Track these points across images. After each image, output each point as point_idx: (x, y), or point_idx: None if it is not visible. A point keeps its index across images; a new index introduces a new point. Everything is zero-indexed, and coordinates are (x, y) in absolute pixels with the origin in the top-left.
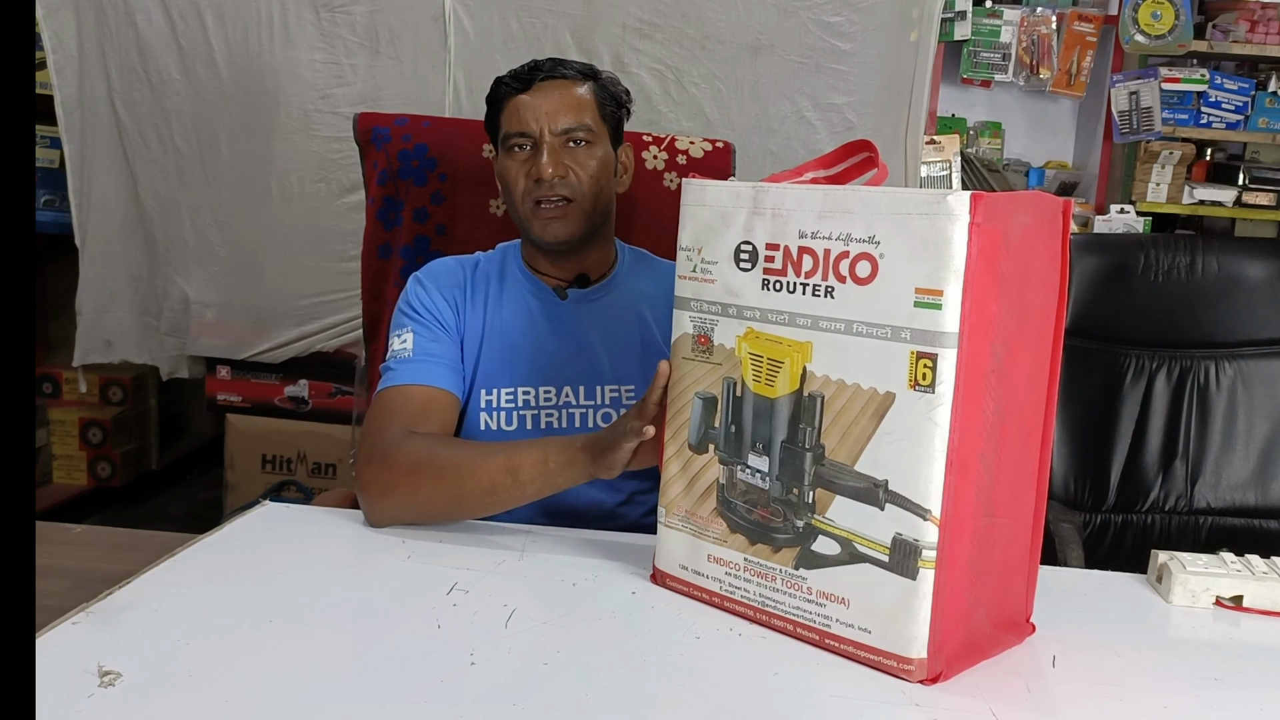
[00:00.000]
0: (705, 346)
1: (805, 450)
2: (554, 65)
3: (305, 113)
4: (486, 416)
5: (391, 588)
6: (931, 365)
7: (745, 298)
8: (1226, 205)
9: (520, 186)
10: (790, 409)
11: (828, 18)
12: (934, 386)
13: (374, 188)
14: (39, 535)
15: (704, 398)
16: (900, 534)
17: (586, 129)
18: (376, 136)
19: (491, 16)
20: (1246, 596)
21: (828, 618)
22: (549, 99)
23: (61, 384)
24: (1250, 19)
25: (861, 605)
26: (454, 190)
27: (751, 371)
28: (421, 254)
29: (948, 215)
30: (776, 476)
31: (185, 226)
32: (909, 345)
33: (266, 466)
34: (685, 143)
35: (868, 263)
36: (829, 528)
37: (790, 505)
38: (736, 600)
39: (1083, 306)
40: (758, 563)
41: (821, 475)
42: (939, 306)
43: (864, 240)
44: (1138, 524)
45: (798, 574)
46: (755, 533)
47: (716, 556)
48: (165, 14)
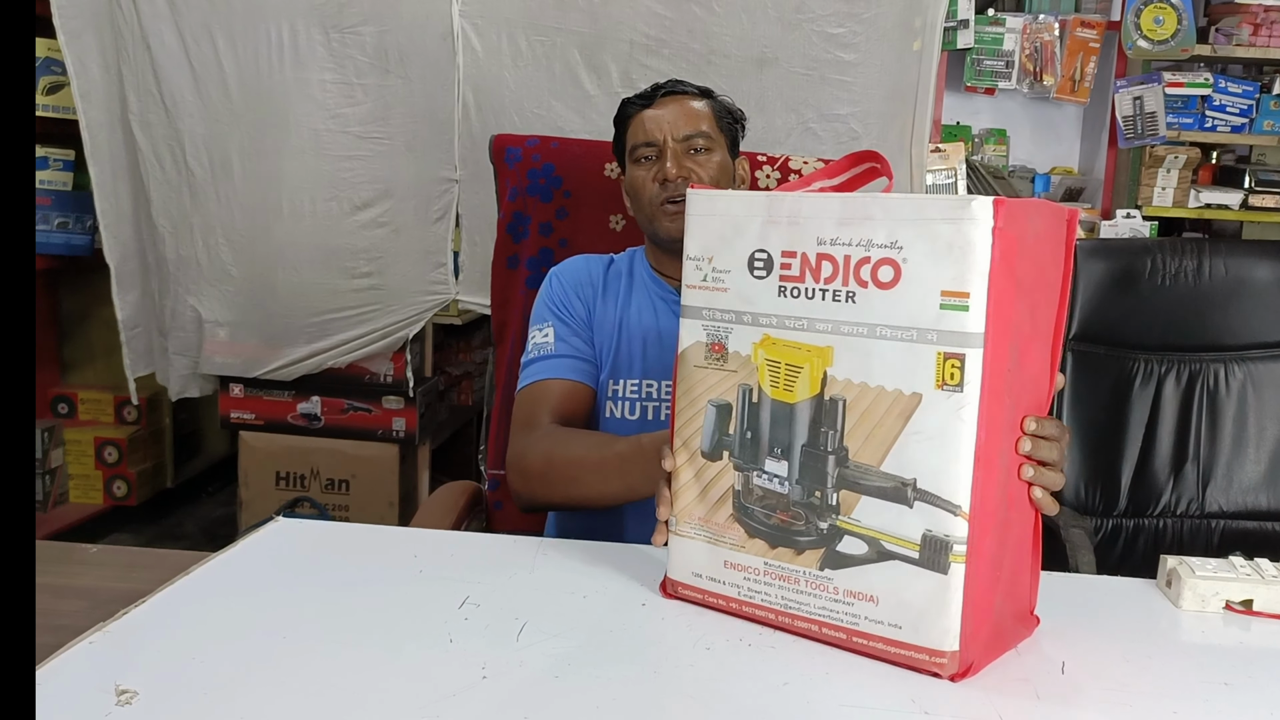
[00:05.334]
0: (719, 354)
1: (828, 453)
2: (673, 83)
3: (316, 132)
4: (612, 405)
5: (403, 602)
6: (959, 365)
7: (761, 305)
8: (1233, 208)
9: (648, 191)
10: (811, 413)
11: (831, 29)
12: (962, 386)
13: (505, 204)
14: (56, 556)
15: (718, 405)
16: (930, 530)
17: (705, 136)
18: (510, 156)
19: (500, 35)
20: (1257, 600)
21: (856, 616)
22: (670, 110)
23: (77, 404)
24: (1253, 22)
25: (891, 603)
26: (577, 207)
27: (769, 378)
28: (545, 265)
29: (972, 220)
30: (796, 480)
31: (198, 246)
32: (936, 346)
33: (280, 483)
34: (799, 162)
35: (890, 268)
36: (855, 528)
37: (812, 508)
38: (757, 605)
39: (1091, 311)
40: (780, 566)
41: (846, 477)
42: (965, 308)
43: (886, 246)
44: (1149, 528)
45: (823, 575)
46: (776, 537)
47: (734, 563)
48: (178, 36)
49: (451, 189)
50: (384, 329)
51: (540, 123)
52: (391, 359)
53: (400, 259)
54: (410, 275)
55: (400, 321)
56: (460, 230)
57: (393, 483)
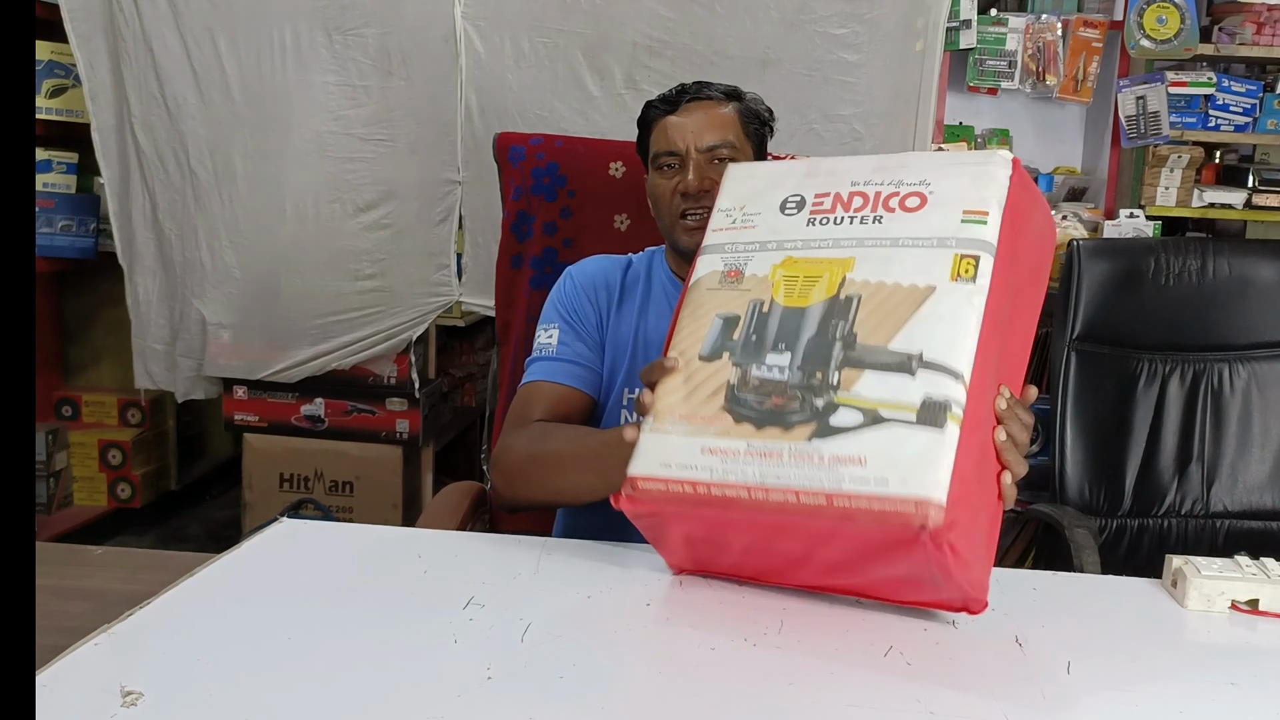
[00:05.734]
0: (735, 279)
1: (835, 339)
2: (699, 87)
3: (319, 134)
4: (627, 414)
5: (408, 602)
6: (974, 263)
7: (787, 234)
8: (1237, 208)
9: (669, 201)
10: (823, 312)
11: (834, 30)
12: (975, 279)
13: (509, 203)
14: (61, 558)
15: (725, 316)
16: (931, 395)
17: (730, 145)
18: (514, 155)
19: (503, 37)
20: (1262, 600)
21: (839, 479)
22: (694, 118)
23: (81, 407)
24: (1256, 21)
25: (880, 462)
26: (581, 206)
27: (784, 290)
28: (550, 265)
29: (998, 162)
30: (798, 367)
31: (201, 249)
32: (954, 250)
33: (284, 485)
34: None
35: (918, 198)
36: (852, 401)
37: (811, 389)
38: (728, 485)
39: (1094, 311)
40: (763, 444)
41: (851, 357)
42: (984, 222)
43: (916, 183)
44: (1154, 528)
45: (810, 445)
46: (766, 418)
47: (713, 448)
48: (180, 39)
49: (454, 190)
50: (387, 331)
51: (543, 124)
52: (395, 361)
53: (403, 261)
54: (413, 277)
55: (404, 323)
56: (463, 232)
57: (396, 484)
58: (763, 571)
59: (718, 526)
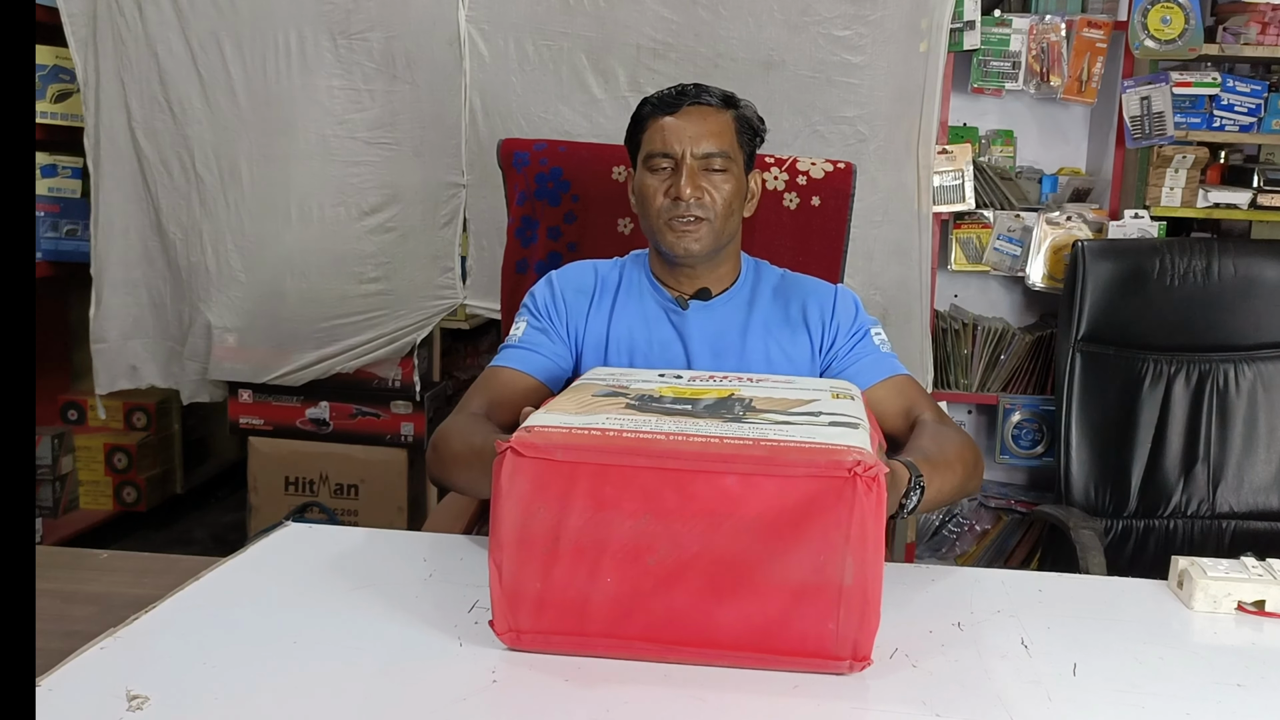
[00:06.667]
0: (619, 389)
1: (736, 403)
2: (699, 91)
3: (324, 138)
4: None
5: (413, 606)
6: (850, 391)
7: (667, 380)
8: (1242, 208)
9: (657, 202)
10: (716, 400)
11: (837, 32)
12: (855, 398)
13: (514, 208)
14: (67, 561)
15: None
16: (837, 422)
17: (724, 155)
18: (517, 160)
19: (507, 40)
20: (1269, 601)
21: (764, 433)
22: (692, 123)
23: (87, 410)
24: (1261, 21)
25: (804, 434)
26: (584, 210)
27: (674, 394)
28: (554, 269)
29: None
30: (705, 408)
31: (207, 253)
32: (829, 389)
33: (289, 488)
34: (806, 164)
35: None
36: (765, 419)
37: (719, 415)
38: (642, 432)
39: (1099, 312)
40: (676, 419)
41: (755, 412)
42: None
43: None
44: (1160, 529)
45: (729, 425)
46: (674, 409)
47: (620, 418)
48: (185, 43)
49: (459, 193)
50: (392, 334)
51: (547, 127)
52: (399, 364)
53: (408, 264)
54: (418, 280)
55: (408, 326)
56: (467, 235)
57: (401, 487)
58: (637, 592)
59: (617, 484)
